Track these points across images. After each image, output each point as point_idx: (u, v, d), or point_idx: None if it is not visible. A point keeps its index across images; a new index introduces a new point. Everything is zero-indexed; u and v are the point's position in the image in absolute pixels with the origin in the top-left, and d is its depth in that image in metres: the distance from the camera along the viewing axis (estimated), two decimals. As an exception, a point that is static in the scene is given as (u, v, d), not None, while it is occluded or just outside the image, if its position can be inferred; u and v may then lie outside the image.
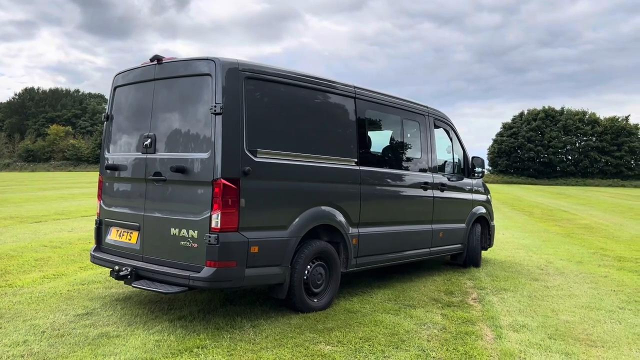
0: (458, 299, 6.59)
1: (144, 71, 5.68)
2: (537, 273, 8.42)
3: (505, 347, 4.80)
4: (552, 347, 4.83)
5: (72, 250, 9.20)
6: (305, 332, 5.06)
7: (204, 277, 4.82)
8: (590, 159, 69.62)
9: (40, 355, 4.27)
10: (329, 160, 5.97)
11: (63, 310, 5.53)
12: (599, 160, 69.52)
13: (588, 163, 69.49)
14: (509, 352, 4.67)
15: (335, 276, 5.99)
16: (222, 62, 5.00)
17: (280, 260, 5.34)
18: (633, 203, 29.86)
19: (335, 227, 5.93)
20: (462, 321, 5.58)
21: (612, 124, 70.95)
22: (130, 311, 5.57)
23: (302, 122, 5.78)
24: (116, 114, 6.05)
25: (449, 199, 8.00)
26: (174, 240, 5.13)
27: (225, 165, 4.88)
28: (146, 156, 5.47)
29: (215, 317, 5.42)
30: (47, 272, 7.33)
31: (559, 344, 4.92)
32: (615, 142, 69.38)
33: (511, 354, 4.63)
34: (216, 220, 4.87)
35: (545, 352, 4.70)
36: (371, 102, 6.67)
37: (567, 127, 70.89)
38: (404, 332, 5.14)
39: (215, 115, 4.92)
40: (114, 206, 5.91)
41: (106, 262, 5.76)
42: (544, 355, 4.63)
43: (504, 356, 4.58)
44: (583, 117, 72.52)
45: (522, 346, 4.85)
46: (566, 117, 71.76)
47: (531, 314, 5.94)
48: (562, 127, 70.92)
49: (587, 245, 12.12)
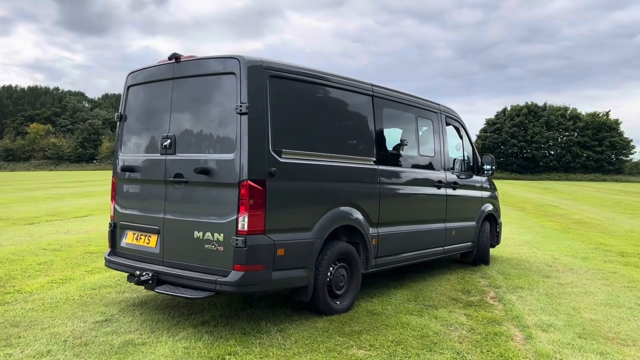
0: (476, 298, 6.54)
1: (160, 70, 5.52)
2: (547, 270, 8.42)
3: (538, 347, 4.75)
4: (585, 347, 4.79)
5: (73, 253, 8.97)
6: (334, 335, 4.96)
7: (231, 281, 4.69)
8: (572, 154, 70.58)
9: (69, 366, 4.11)
10: (349, 159, 5.87)
11: (80, 317, 5.35)
12: (581, 155, 70.53)
13: (570, 158, 70.44)
14: (544, 353, 4.62)
15: (356, 277, 5.90)
16: (247, 60, 4.86)
17: (305, 262, 5.23)
18: (619, 197, 30.28)
19: (355, 228, 5.84)
20: (487, 321, 5.53)
21: (593, 119, 72.05)
22: (150, 317, 5.42)
23: (324, 121, 5.67)
24: (130, 114, 5.87)
25: (460, 197, 7.95)
26: (197, 244, 4.99)
27: (252, 167, 4.76)
28: (165, 157, 5.30)
29: (239, 322, 5.29)
30: (53, 277, 7.11)
31: (591, 344, 4.89)
32: (596, 137, 70.42)
33: (546, 355, 4.58)
34: (243, 222, 4.74)
35: (580, 352, 4.67)
36: (387, 100, 6.59)
37: (549, 122, 71.73)
38: (433, 334, 5.07)
39: (240, 115, 4.78)
40: (130, 209, 5.73)
41: (123, 267, 5.60)
42: (579, 356, 4.59)
43: (540, 357, 4.53)
44: (565, 113, 73.49)
45: (555, 346, 4.81)
46: (548, 113, 72.62)
47: (554, 313, 5.91)
48: (545, 123, 71.75)
49: (587, 240, 12.20)
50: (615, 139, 70.17)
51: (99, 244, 9.96)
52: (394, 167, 6.55)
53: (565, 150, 70.85)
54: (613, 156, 71.34)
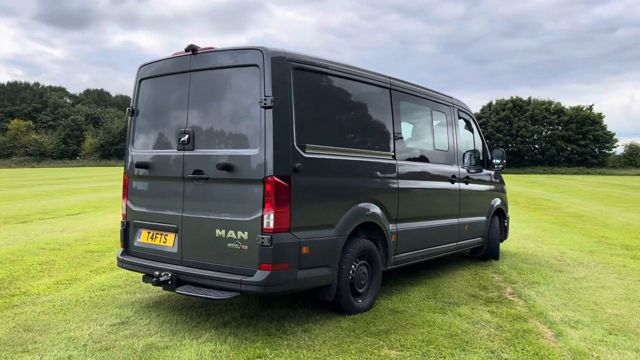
0: (495, 294, 6.45)
1: (176, 62, 5.30)
2: (558, 264, 8.37)
3: (571, 345, 4.66)
4: (618, 344, 4.72)
5: (74, 252, 8.71)
6: (361, 335, 4.82)
7: (257, 281, 4.52)
8: (556, 148, 71.23)
9: (94, 373, 3.92)
10: (370, 154, 5.73)
11: (95, 320, 5.14)
12: (565, 149, 71.24)
13: (555, 152, 71.11)
14: (579, 350, 4.53)
15: (377, 275, 5.77)
16: (270, 52, 4.68)
17: (329, 260, 5.08)
18: (607, 190, 30.57)
19: (376, 224, 5.70)
20: (513, 318, 5.43)
21: (577, 113, 72.73)
22: (167, 318, 5.22)
23: (345, 115, 5.51)
24: (142, 108, 5.65)
25: (472, 191, 7.85)
26: (219, 242, 4.80)
27: (277, 162, 4.58)
28: (183, 153, 5.10)
29: (261, 322, 5.12)
30: (58, 278, 6.87)
31: (624, 340, 4.82)
32: (580, 131, 71.12)
33: (582, 352, 4.49)
34: (268, 220, 4.57)
35: (615, 349, 4.58)
36: (404, 92, 6.45)
37: (534, 116, 72.29)
38: (462, 333, 4.95)
39: (265, 109, 4.60)
40: (144, 206, 5.52)
41: (137, 267, 5.40)
42: (616, 353, 4.51)
43: (576, 355, 4.43)
44: (549, 107, 74.09)
45: (588, 343, 4.72)
46: (533, 107, 73.16)
47: (576, 308, 5.83)
48: (530, 117, 72.29)
49: (587, 234, 12.21)
50: (598, 132, 70.94)
51: (98, 242, 9.71)
52: (411, 161, 6.41)
53: (550, 144, 71.47)
54: (596, 150, 72.16)
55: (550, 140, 71.92)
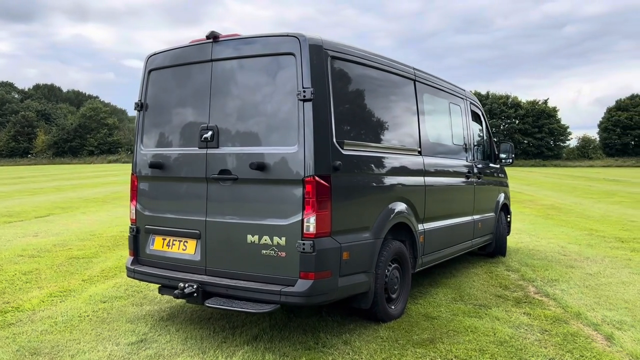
0: (519, 294, 6.22)
1: (194, 50, 4.80)
2: (565, 260, 8.25)
3: (629, 349, 4.44)
4: (674, 345, 4.53)
5: (57, 259, 8.03)
6: (407, 346, 4.47)
7: (300, 291, 4.10)
8: (514, 141, 72.81)
9: (131, 405, 3.42)
10: (400, 150, 5.38)
11: (109, 339, 4.61)
12: (522, 142, 72.99)
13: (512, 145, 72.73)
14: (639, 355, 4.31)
15: (407, 279, 5.43)
16: (308, 39, 4.25)
17: (367, 266, 4.70)
18: (571, 182, 31.33)
19: (407, 225, 5.36)
20: (552, 320, 5.19)
21: (533, 106, 74.62)
22: (189, 334, 4.74)
23: (378, 109, 5.14)
24: (153, 102, 5.11)
25: (484, 187, 7.63)
26: (252, 249, 4.35)
27: (318, 161, 4.16)
28: (206, 151, 4.61)
29: (294, 335, 4.70)
30: (49, 289, 6.24)
31: (677, 341, 4.64)
32: (536, 124, 73.04)
33: (643, 357, 4.27)
34: (308, 224, 4.15)
35: (675, 352, 4.39)
36: (427, 85, 6.13)
37: (492, 110, 73.70)
38: (510, 339, 4.67)
39: (304, 102, 4.17)
40: (157, 211, 4.99)
41: (152, 277, 4.88)
42: (677, 356, 4.31)
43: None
44: (507, 101, 75.75)
45: (644, 346, 4.51)
46: (491, 101, 74.64)
47: (611, 307, 5.65)
48: (488, 111, 73.59)
49: (575, 226, 12.26)
50: (553, 125, 73.06)
51: (80, 247, 9.02)
52: (434, 157, 6.10)
53: (508, 137, 73.04)
54: (552, 142, 74.27)
55: (508, 133, 73.54)
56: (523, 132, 73.14)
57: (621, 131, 73.81)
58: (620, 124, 73.70)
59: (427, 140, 5.94)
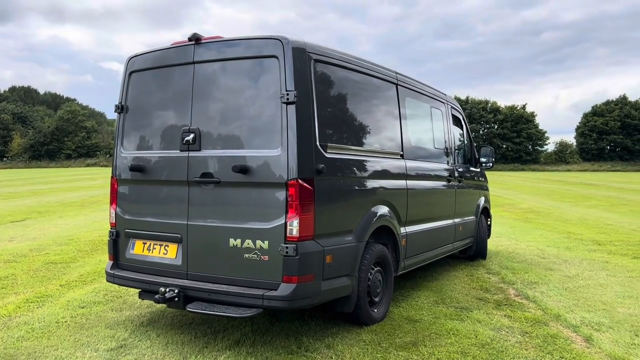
0: (500, 296, 6.28)
1: (176, 52, 4.76)
2: (545, 263, 8.35)
3: (608, 350, 4.50)
4: (652, 346, 4.60)
5: (33, 264, 7.87)
6: (390, 349, 4.47)
7: (283, 295, 4.07)
8: (493, 145, 73.64)
9: (110, 412, 3.36)
10: (382, 154, 5.40)
11: (87, 344, 4.53)
12: (501, 147, 73.88)
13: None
14: (618, 356, 4.37)
15: (389, 282, 5.44)
16: (292, 42, 4.24)
17: (350, 269, 4.70)
18: (549, 186, 31.79)
19: (389, 228, 5.37)
20: (532, 323, 5.24)
21: (511, 112, 75.63)
22: (170, 339, 4.68)
23: (360, 112, 5.15)
24: (134, 104, 5.05)
25: (465, 191, 7.69)
26: (234, 253, 4.32)
27: (301, 164, 4.15)
28: (188, 154, 4.57)
29: (276, 339, 4.68)
30: (26, 295, 6.12)
31: (653, 342, 4.72)
32: (514, 129, 74.04)
33: (622, 358, 4.33)
34: (291, 227, 4.13)
35: (652, 353, 4.46)
36: (409, 89, 6.17)
37: (472, 115, 74.51)
38: (491, 341, 4.70)
39: (287, 105, 4.16)
40: (138, 214, 4.93)
41: (133, 282, 4.81)
42: (654, 356, 4.38)
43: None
44: (486, 106, 76.67)
45: (622, 347, 4.58)
46: (471, 106, 75.48)
47: (589, 309, 5.73)
48: (468, 115, 74.37)
49: (553, 230, 12.43)
50: (532, 130, 74.12)
51: (57, 252, 8.86)
52: (416, 161, 6.13)
53: (487, 141, 73.86)
54: (530, 147, 75.33)
55: (487, 138, 74.38)
56: (502, 136, 74.08)
57: (597, 136, 75.18)
58: (596, 129, 75.08)
59: (409, 144, 5.97)
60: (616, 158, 74.42)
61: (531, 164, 72.38)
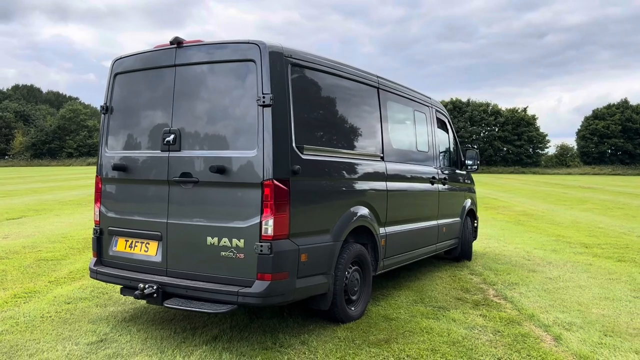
0: (479, 296, 6.40)
1: (159, 55, 4.90)
2: (528, 264, 8.47)
3: (574, 349, 4.62)
4: (618, 346, 4.72)
5: (25, 261, 8.02)
6: (362, 346, 4.60)
7: (257, 292, 4.21)
8: (494, 148, 73.88)
9: (84, 402, 3.49)
10: (362, 156, 5.52)
11: (69, 338, 4.66)
12: (502, 149, 73.99)
13: (492, 152, 73.68)
14: (583, 355, 4.48)
15: (367, 281, 5.56)
16: (268, 46, 4.37)
17: (326, 267, 4.83)
18: (547, 189, 31.86)
19: (368, 228, 5.50)
20: (506, 322, 5.36)
21: (512, 114, 75.69)
22: (149, 334, 4.81)
23: (338, 115, 5.28)
24: (118, 105, 5.19)
25: (449, 193, 7.81)
26: (211, 251, 4.45)
27: (276, 165, 4.28)
28: (168, 154, 4.70)
29: (253, 335, 4.81)
30: (14, 290, 6.26)
31: (621, 342, 4.83)
32: (515, 132, 74.12)
33: (587, 357, 4.45)
34: (267, 226, 4.26)
35: (617, 352, 4.58)
36: (390, 92, 6.29)
37: (473, 117, 74.66)
38: (462, 339, 4.83)
39: (263, 108, 4.29)
40: (120, 212, 5.07)
41: (114, 278, 4.95)
42: (619, 355, 4.50)
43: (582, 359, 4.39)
44: (487, 109, 76.76)
45: (589, 346, 4.69)
46: (472, 109, 75.57)
47: (564, 310, 5.85)
48: (469, 118, 74.57)
49: (544, 232, 12.53)
50: (532, 133, 74.18)
51: (50, 249, 9.01)
52: (397, 163, 6.25)
53: (488, 144, 74.01)
54: (531, 150, 75.39)
55: (488, 140, 74.49)
56: (503, 139, 74.14)
57: (598, 140, 75.23)
58: (598, 132, 75.12)
59: (390, 147, 6.09)
60: (617, 162, 74.43)
61: (532, 167, 72.44)
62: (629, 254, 9.58)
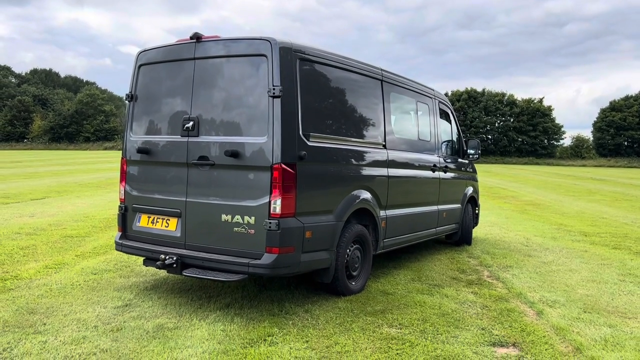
0: (474, 277, 6.85)
1: (180, 49, 5.38)
2: (526, 250, 8.89)
3: (553, 322, 5.07)
4: (594, 321, 5.16)
5: (52, 237, 8.62)
6: (360, 315, 5.09)
7: (265, 263, 4.72)
8: (508, 139, 73.57)
9: (114, 353, 4.03)
10: (364, 144, 5.98)
11: (98, 302, 5.22)
12: (516, 140, 73.67)
13: (507, 142, 73.43)
14: (560, 327, 4.94)
15: (368, 259, 6.04)
16: (279, 42, 4.83)
17: (329, 244, 5.31)
18: (558, 180, 32.00)
19: (368, 210, 5.96)
20: (495, 299, 5.82)
21: (528, 105, 75.20)
22: (169, 301, 5.35)
23: (343, 106, 5.74)
24: (142, 94, 5.69)
25: (450, 180, 8.23)
26: (225, 227, 4.96)
27: (284, 150, 4.77)
28: (187, 139, 5.21)
29: (262, 304, 5.32)
30: (45, 262, 6.84)
31: (597, 317, 5.27)
32: (531, 123, 73.64)
33: (563, 328, 4.90)
34: (275, 205, 4.76)
35: (592, 325, 5.02)
36: (393, 84, 6.72)
37: (487, 107, 74.33)
38: (452, 312, 5.30)
39: (273, 98, 4.76)
40: (144, 191, 5.59)
41: (138, 251, 5.49)
42: (593, 328, 4.94)
43: (559, 331, 4.84)
44: (502, 99, 76.30)
45: (567, 320, 5.14)
46: (487, 99, 75.19)
47: (551, 290, 6.29)
48: (483, 108, 74.28)
49: (547, 221, 12.90)
50: (548, 124, 73.67)
51: (74, 227, 9.61)
52: (399, 151, 6.70)
53: (502, 134, 73.74)
54: (546, 141, 74.96)
55: (503, 131, 74.20)
56: (517, 130, 73.79)
57: (615, 132, 74.52)
58: (614, 124, 74.39)
59: (392, 136, 6.54)
60: (633, 154, 73.75)
61: (546, 158, 72.10)
62: (626, 242, 9.95)
